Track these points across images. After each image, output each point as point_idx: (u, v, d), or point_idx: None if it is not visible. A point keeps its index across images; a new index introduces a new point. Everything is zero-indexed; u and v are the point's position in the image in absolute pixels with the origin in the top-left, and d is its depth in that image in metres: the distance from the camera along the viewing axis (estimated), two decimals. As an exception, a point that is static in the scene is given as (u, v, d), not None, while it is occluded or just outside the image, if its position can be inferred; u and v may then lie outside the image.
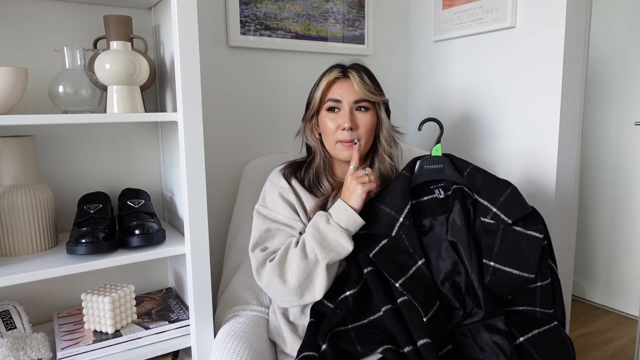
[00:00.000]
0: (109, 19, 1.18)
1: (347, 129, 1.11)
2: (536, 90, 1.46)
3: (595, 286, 2.63)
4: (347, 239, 1.02)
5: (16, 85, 0.94)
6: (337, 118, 1.13)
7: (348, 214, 1.03)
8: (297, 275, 1.03)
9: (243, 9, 1.48)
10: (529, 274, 1.02)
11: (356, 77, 1.12)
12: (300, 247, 1.04)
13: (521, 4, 1.47)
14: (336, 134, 1.13)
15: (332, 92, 1.14)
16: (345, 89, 1.13)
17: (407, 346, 0.97)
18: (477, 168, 1.11)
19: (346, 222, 1.02)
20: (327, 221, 1.03)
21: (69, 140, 1.26)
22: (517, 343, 1.00)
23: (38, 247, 1.10)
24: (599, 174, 2.57)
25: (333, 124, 1.13)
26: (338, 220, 1.03)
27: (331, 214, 1.04)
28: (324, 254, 1.01)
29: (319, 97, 1.15)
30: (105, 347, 1.08)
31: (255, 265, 1.09)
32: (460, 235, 1.05)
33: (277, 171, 1.20)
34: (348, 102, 1.13)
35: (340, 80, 1.14)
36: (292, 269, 1.04)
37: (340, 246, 1.02)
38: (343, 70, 1.15)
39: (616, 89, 2.46)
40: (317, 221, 1.05)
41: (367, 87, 1.13)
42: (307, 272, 1.03)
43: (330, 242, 1.02)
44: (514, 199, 1.05)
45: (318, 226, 1.04)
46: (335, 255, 1.02)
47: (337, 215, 1.03)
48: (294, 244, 1.06)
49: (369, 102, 1.14)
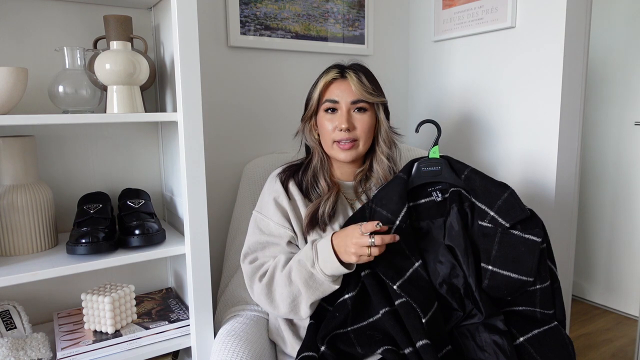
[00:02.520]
0: (109, 19, 1.18)
1: (344, 129, 1.11)
2: (536, 90, 1.46)
3: (595, 286, 2.63)
4: (332, 282, 1.01)
5: (16, 85, 0.94)
6: (334, 119, 1.13)
7: (334, 266, 0.98)
8: (284, 299, 1.04)
9: (243, 9, 1.48)
10: (528, 278, 1.01)
11: (354, 78, 1.11)
12: (286, 274, 1.04)
13: (521, 4, 1.47)
14: (333, 134, 1.13)
15: (329, 92, 1.14)
16: (343, 90, 1.12)
17: (407, 347, 0.97)
18: (475, 171, 1.10)
19: (331, 271, 0.99)
20: (312, 265, 1.00)
21: (69, 140, 1.26)
22: (517, 343, 1.00)
23: (38, 247, 1.10)
24: (599, 174, 2.57)
25: (330, 125, 1.13)
26: (324, 267, 0.99)
27: (317, 257, 1.00)
28: (308, 293, 1.01)
29: (317, 97, 1.14)
30: (105, 347, 1.08)
31: (246, 277, 1.12)
32: (458, 239, 1.05)
33: (275, 174, 1.20)
34: (345, 102, 1.12)
35: (338, 81, 1.14)
36: (279, 292, 1.05)
37: (326, 286, 1.01)
38: (341, 70, 1.14)
39: (616, 89, 2.46)
40: (303, 260, 1.02)
41: (365, 87, 1.12)
42: (292, 297, 1.04)
43: (316, 281, 1.01)
44: (511, 202, 1.04)
45: (304, 264, 1.02)
46: (320, 294, 1.02)
47: (323, 262, 0.99)
48: (281, 267, 1.06)
49: (367, 103, 1.13)
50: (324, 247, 1.00)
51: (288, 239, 1.11)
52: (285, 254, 1.09)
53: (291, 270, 1.04)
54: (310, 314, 1.06)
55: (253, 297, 1.11)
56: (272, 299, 1.06)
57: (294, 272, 1.03)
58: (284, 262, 1.07)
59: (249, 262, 1.11)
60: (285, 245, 1.11)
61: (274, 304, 1.06)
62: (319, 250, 1.01)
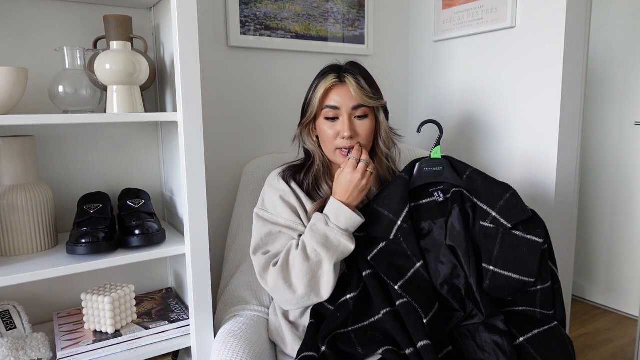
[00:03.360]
0: (109, 19, 1.18)
1: (347, 137, 1.10)
2: (536, 90, 1.46)
3: (595, 286, 2.63)
4: (348, 239, 1.02)
5: (16, 85, 0.94)
6: (335, 125, 1.11)
7: (346, 215, 1.02)
8: (301, 278, 1.03)
9: (243, 9, 1.48)
10: (529, 278, 1.01)
11: (353, 83, 1.09)
12: (302, 249, 1.04)
13: (521, 4, 1.47)
14: (335, 141, 1.12)
15: (329, 99, 1.11)
16: (342, 95, 1.10)
17: (408, 348, 0.97)
18: (477, 171, 1.10)
19: (345, 223, 1.02)
20: (325, 224, 1.03)
21: (69, 140, 1.26)
22: (517, 343, 1.00)
23: (38, 247, 1.09)
24: (599, 174, 2.57)
25: (331, 132, 1.12)
26: (337, 222, 1.02)
27: (329, 216, 1.04)
28: (329, 254, 1.01)
29: (317, 104, 1.12)
30: (105, 347, 1.08)
31: (258, 269, 1.09)
32: (459, 240, 1.04)
33: (275, 174, 1.19)
34: (346, 108, 1.10)
35: (337, 86, 1.11)
36: (296, 271, 1.03)
37: (343, 245, 1.02)
38: (339, 75, 1.11)
39: (616, 89, 2.46)
40: (316, 224, 1.04)
41: (365, 92, 1.10)
42: (311, 274, 1.03)
43: (332, 243, 1.02)
44: (513, 203, 1.04)
45: (317, 229, 1.03)
46: (340, 255, 1.03)
47: (335, 217, 1.03)
48: (295, 246, 1.06)
49: (367, 108, 1.12)
50: (331, 205, 1.05)
51: (301, 232, 1.11)
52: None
53: (305, 244, 1.04)
54: (330, 294, 1.04)
55: (267, 288, 1.08)
56: (289, 282, 1.04)
57: (308, 243, 1.03)
58: (296, 244, 1.06)
59: (262, 253, 1.10)
60: (297, 236, 1.10)
61: (291, 287, 1.04)
62: (327, 209, 1.04)
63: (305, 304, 1.07)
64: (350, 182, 1.04)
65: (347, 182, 1.05)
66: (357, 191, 1.04)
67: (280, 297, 1.07)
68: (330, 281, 1.03)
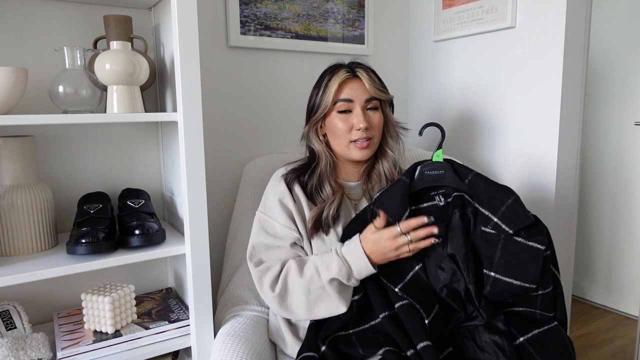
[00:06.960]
0: (109, 19, 1.18)
1: (363, 129, 1.10)
2: (536, 90, 1.46)
3: (595, 286, 2.63)
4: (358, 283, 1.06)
5: (16, 85, 0.94)
6: (349, 118, 1.12)
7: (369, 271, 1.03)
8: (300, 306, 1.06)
9: (243, 9, 1.48)
10: (530, 284, 1.00)
11: (365, 76, 1.12)
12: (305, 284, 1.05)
13: (521, 4, 1.47)
14: (350, 134, 1.12)
15: (342, 92, 1.12)
16: (356, 89, 1.12)
17: (409, 349, 0.97)
18: (479, 175, 1.08)
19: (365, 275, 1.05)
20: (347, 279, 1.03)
21: (69, 140, 1.26)
22: (517, 343, 1.00)
23: (38, 247, 1.10)
24: (599, 174, 2.57)
25: (345, 125, 1.12)
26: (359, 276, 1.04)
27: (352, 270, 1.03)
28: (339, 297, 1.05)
29: (331, 99, 1.12)
30: (105, 347, 1.08)
31: (254, 280, 1.12)
32: (459, 247, 1.03)
33: (279, 175, 1.18)
34: (360, 101, 1.11)
35: (349, 80, 1.12)
36: (296, 299, 1.06)
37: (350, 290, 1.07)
38: (351, 69, 1.14)
39: (616, 89, 2.46)
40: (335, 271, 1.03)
41: (377, 85, 1.13)
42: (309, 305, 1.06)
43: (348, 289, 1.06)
44: (515, 208, 1.03)
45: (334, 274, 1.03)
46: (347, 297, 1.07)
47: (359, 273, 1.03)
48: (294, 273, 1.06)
49: (378, 101, 1.14)
50: (357, 258, 1.03)
51: (293, 240, 1.11)
52: (290, 256, 1.10)
53: (311, 281, 1.05)
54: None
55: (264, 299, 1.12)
56: (288, 309, 1.07)
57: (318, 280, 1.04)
58: (296, 268, 1.07)
59: (254, 264, 1.11)
60: (289, 247, 1.11)
61: (291, 313, 1.08)
62: (350, 262, 1.03)
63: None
64: (383, 248, 1.02)
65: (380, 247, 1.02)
66: (382, 257, 1.03)
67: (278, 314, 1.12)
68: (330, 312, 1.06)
